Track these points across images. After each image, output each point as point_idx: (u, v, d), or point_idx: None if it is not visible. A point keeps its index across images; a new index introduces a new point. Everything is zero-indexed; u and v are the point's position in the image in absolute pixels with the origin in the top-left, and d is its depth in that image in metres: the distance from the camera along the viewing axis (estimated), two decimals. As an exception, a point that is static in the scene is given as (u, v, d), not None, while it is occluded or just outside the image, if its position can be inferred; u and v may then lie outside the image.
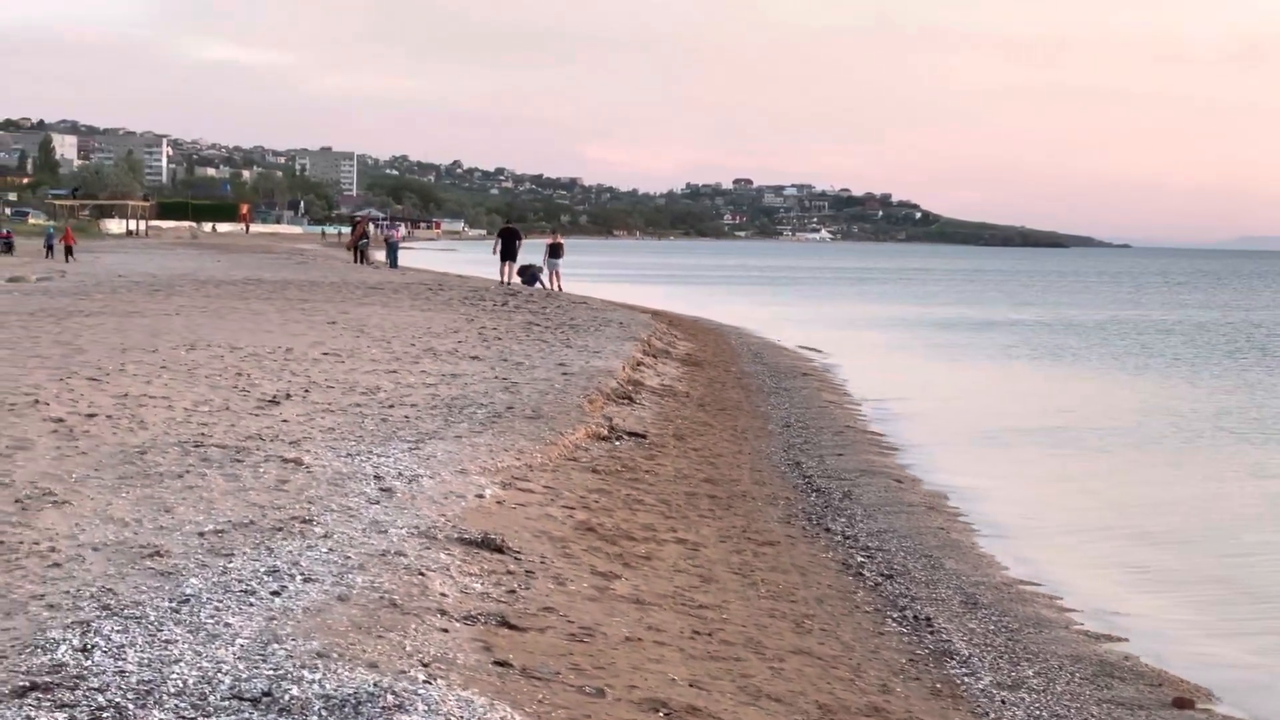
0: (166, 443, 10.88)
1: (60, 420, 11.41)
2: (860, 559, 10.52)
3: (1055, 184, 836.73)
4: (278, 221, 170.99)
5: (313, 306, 26.68)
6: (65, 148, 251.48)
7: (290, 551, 7.96)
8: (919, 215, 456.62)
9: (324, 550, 8.05)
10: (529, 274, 42.42)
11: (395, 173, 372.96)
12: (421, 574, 7.76)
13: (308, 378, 15.57)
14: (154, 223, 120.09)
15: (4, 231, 61.27)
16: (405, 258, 55.09)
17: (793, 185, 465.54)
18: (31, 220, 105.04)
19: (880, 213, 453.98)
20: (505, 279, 40.77)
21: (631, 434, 14.63)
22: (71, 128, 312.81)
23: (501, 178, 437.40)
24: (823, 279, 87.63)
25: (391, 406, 14.01)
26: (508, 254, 41.07)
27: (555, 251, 42.03)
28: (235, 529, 8.42)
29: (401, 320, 24.70)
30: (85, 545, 7.82)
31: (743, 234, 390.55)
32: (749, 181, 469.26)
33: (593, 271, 68.71)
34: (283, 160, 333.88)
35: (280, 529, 8.48)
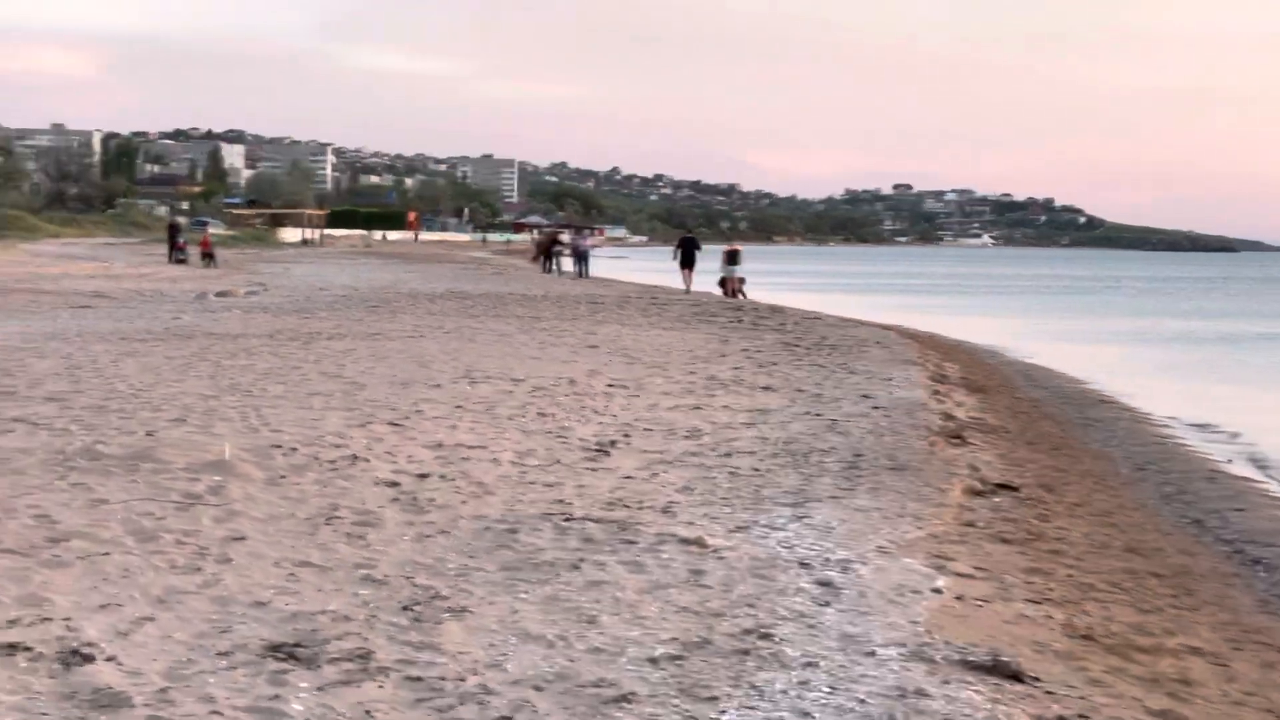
0: (528, 515, 9.00)
1: (394, 484, 9.59)
2: None
3: (1222, 186, 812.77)
4: (443, 229, 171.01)
5: (552, 325, 24.93)
6: (233, 157, 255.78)
7: (784, 692, 5.99)
8: (1083, 220, 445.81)
9: (824, 689, 6.06)
10: (729, 286, 41.88)
11: (554, 179, 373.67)
12: (975, 731, 5.73)
13: (614, 417, 13.69)
14: (326, 231, 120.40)
15: (180, 242, 60.04)
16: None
17: (953, 190, 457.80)
18: (211, 229, 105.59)
19: (1043, 218, 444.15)
20: (688, 287, 42.15)
21: (1001, 486, 12.49)
22: (238, 137, 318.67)
23: (660, 184, 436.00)
24: (1016, 287, 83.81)
25: (728, 455, 12.07)
26: (687, 262, 43.54)
27: (733, 258, 42.45)
28: (690, 652, 6.46)
29: (654, 341, 22.80)
30: (522, 683, 5.91)
31: (903, 240, 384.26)
32: (909, 187, 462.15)
33: (771, 280, 66.17)
34: (444, 167, 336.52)
35: (745, 651, 6.51)
